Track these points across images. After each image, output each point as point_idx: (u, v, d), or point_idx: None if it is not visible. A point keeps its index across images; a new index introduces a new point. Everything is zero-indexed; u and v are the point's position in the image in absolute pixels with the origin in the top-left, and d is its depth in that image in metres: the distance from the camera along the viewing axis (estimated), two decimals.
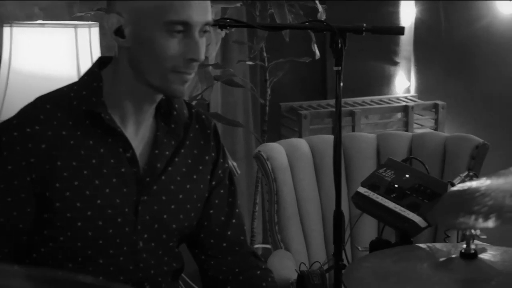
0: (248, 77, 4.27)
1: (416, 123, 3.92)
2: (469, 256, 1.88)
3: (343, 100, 3.95)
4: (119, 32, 1.83)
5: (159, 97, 1.93)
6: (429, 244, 2.10)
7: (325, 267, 2.66)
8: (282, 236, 3.11)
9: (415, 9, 4.07)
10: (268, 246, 3.49)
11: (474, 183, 1.61)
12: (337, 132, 2.42)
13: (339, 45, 2.42)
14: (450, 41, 4.03)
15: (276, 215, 3.11)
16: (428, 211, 2.17)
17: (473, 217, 1.49)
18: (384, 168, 2.38)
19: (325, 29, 2.43)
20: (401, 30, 2.45)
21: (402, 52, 4.12)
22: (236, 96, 4.32)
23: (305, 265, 2.61)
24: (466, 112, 4.00)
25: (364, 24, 2.44)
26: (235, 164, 3.61)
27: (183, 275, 3.53)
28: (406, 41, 4.10)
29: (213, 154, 2.06)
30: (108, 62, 1.93)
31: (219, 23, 2.50)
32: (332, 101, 3.94)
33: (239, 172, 3.65)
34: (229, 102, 4.32)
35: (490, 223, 1.43)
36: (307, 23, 2.55)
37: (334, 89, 4.43)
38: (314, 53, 3.64)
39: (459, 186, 1.65)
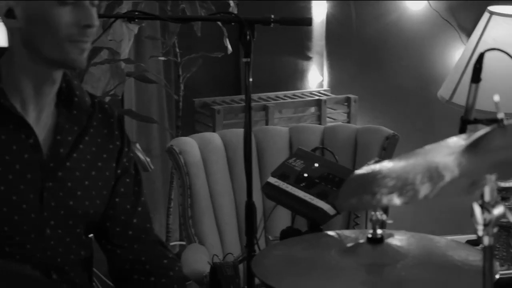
0: (162, 73, 4.25)
1: (329, 117, 3.96)
2: (376, 240, 1.91)
3: (256, 95, 4.01)
4: (10, 14, 1.86)
5: (59, 76, 1.94)
6: (338, 231, 2.13)
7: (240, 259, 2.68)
8: (196, 230, 3.11)
9: (326, 4, 4.12)
10: (184, 243, 3.49)
11: (377, 166, 1.64)
12: (246, 122, 2.44)
13: (248, 37, 2.44)
14: (361, 36, 4.08)
15: (189, 209, 3.11)
16: (336, 199, 2.20)
17: (375, 197, 1.52)
18: (294, 158, 2.41)
19: (234, 21, 2.45)
20: (308, 21, 2.49)
21: (314, 47, 4.15)
22: (151, 93, 4.29)
23: (217, 257, 2.62)
24: (378, 105, 4.06)
25: (272, 16, 2.47)
26: (148, 159, 3.60)
27: (98, 272, 3.52)
28: (318, 36, 4.14)
29: (117, 143, 2.08)
30: (4, 52, 1.95)
31: (127, 16, 2.49)
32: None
33: (152, 167, 3.64)
34: (144, 99, 4.29)
35: (393, 202, 1.46)
36: (216, 15, 2.56)
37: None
38: (226, 48, 3.65)
39: (362, 170, 1.68)
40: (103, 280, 3.70)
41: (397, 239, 1.95)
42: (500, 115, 1.49)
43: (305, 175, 2.31)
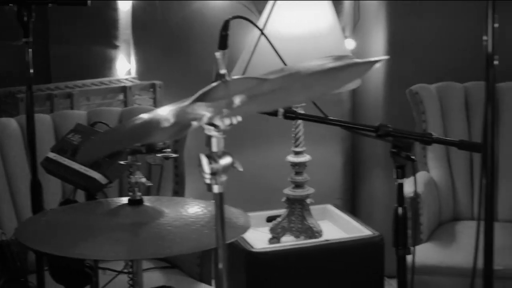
0: None
1: (136, 104, 4.03)
2: (135, 202, 2.02)
3: (63, 84, 4.04)
4: None
5: None
6: (114, 198, 2.24)
7: None
8: None
9: None
10: None
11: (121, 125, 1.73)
12: (28, 102, 2.49)
13: (25, 18, 2.50)
14: (166, 23, 4.17)
15: None
16: (109, 168, 2.29)
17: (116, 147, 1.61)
18: (73, 133, 2.48)
19: (11, 1, 2.50)
20: (83, 2, 2.57)
21: (121, 36, 4.22)
22: None
23: (5, 235, 2.65)
24: (183, 90, 4.13)
25: None
26: None
27: None
28: (124, 25, 4.20)
29: None
30: None
31: None
32: (53, 85, 3.99)
33: None
34: None
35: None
36: None
37: (58, 74, 4.43)
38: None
39: (109, 128, 1.77)
40: None
41: (156, 202, 2.07)
42: (222, 71, 1.61)
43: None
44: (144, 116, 1.59)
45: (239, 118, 1.60)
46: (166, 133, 1.43)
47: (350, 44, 4.07)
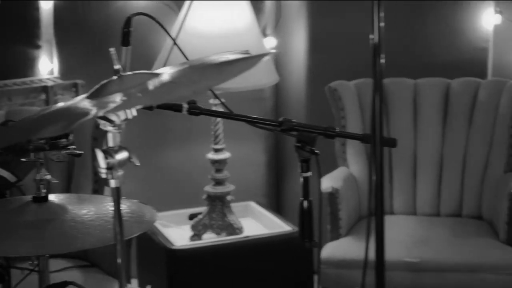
0: None
1: (60, 103, 4.02)
2: (40, 199, 2.03)
3: None
4: None
5: None
6: (16, 197, 2.23)
7: None
8: None
9: None
10: None
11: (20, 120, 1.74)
12: None
13: None
14: (89, 23, 4.17)
15: None
16: (17, 166, 2.29)
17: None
18: None
19: None
20: None
21: (43, 35, 4.20)
22: None
23: None
24: None
25: None
26: None
27: None
28: (47, 24, 4.19)
29: None
30: None
31: None
32: None
33: None
34: None
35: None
36: None
37: None
38: None
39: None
40: None
41: (61, 198, 2.08)
42: (117, 66, 1.63)
43: None
44: (41, 111, 1.61)
45: (134, 113, 1.62)
46: (56, 127, 1.45)
47: (271, 42, 4.12)
